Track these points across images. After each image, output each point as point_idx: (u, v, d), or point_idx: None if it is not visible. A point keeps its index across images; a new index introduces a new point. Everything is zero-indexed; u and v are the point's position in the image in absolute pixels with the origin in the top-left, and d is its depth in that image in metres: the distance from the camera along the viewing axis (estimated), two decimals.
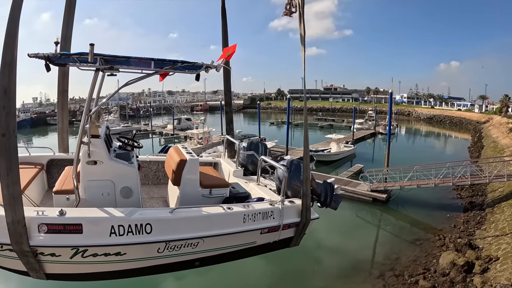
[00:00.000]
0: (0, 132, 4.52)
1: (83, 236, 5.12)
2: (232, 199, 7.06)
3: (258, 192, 7.37)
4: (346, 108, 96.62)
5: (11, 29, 4.47)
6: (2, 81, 4.50)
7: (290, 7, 7.05)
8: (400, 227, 19.66)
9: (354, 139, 42.82)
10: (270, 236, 6.59)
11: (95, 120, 6.22)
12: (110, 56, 5.50)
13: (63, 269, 5.53)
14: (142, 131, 63.39)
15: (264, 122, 53.58)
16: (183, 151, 7.39)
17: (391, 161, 25.18)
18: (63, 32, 8.07)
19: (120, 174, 6.24)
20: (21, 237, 4.81)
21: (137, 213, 5.50)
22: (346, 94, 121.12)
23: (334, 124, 68.56)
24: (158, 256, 5.82)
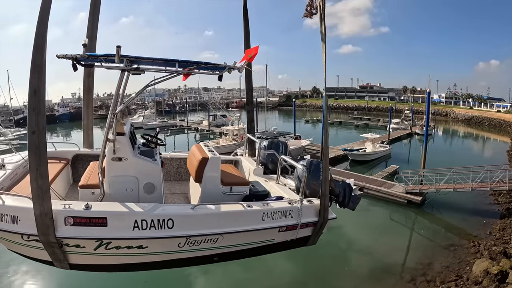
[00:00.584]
0: (30, 130, 4.80)
1: (107, 229, 5.37)
2: (251, 197, 7.25)
3: (278, 191, 7.52)
4: (382, 107, 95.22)
5: (40, 32, 4.70)
6: (32, 83, 4.74)
7: (310, 8, 7.03)
8: (434, 231, 19.19)
9: (390, 139, 42.12)
10: (288, 234, 6.72)
11: (120, 118, 6.37)
12: (136, 58, 5.70)
13: (86, 260, 5.80)
14: (177, 126, 64.04)
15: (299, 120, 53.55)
16: (205, 149, 7.60)
17: (427, 163, 24.70)
18: (88, 33, 8.42)
19: (143, 171, 6.48)
20: (48, 228, 5.06)
21: (160, 209, 5.74)
22: (382, 93, 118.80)
23: (369, 124, 67.54)
24: (179, 251, 6.03)
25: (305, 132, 46.28)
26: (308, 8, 7.05)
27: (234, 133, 38.41)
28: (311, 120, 73.62)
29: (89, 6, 8.48)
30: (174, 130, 61.34)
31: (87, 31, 8.42)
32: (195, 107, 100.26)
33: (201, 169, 7.02)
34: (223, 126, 50.05)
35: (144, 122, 63.22)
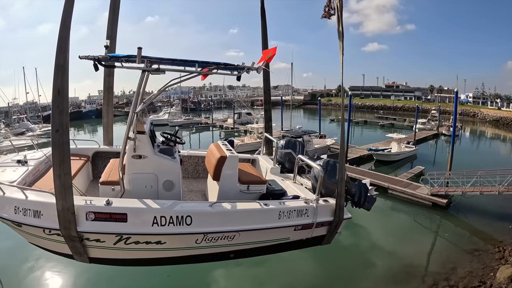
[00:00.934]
0: (54, 128, 5.03)
1: (127, 224, 5.56)
2: (268, 196, 7.36)
3: (294, 190, 7.63)
4: (408, 106, 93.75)
5: (63, 34, 4.89)
6: (56, 82, 4.93)
7: (329, 9, 6.95)
8: (459, 235, 18.88)
9: (416, 140, 41.61)
10: (304, 233, 6.81)
11: (141, 117, 6.56)
12: (157, 59, 5.80)
13: (106, 254, 6.03)
14: (202, 124, 64.48)
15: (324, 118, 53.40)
16: (223, 147, 7.73)
17: (454, 165, 24.31)
18: (108, 33, 8.64)
19: (163, 168, 6.63)
20: (69, 223, 5.29)
21: (179, 206, 5.91)
22: (409, 92, 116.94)
23: (395, 123, 66.68)
24: (196, 247, 6.19)
25: (330, 131, 46.09)
26: (326, 9, 7.00)
27: (259, 131, 38.35)
28: (336, 119, 72.93)
29: (109, 7, 8.68)
30: (199, 128, 61.80)
31: (107, 31, 8.65)
32: (220, 105, 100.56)
33: (219, 167, 7.14)
34: (248, 124, 50.23)
35: (169, 119, 63.75)
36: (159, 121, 65.31)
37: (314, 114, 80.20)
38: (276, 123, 46.91)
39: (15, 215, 5.68)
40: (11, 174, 6.86)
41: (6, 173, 6.98)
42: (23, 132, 54.13)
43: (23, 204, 5.64)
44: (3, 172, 7.05)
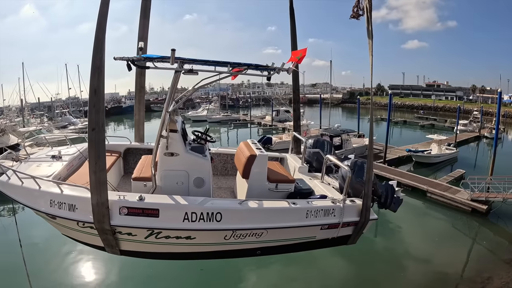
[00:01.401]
0: (90, 126, 5.32)
1: (159, 219, 5.82)
2: (296, 194, 7.59)
3: (322, 190, 7.72)
4: (449, 107, 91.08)
5: (99, 36, 5.11)
6: (93, 82, 5.21)
7: (357, 10, 7.04)
8: (498, 243, 18.31)
9: (457, 142, 40.92)
10: (330, 232, 6.94)
11: (173, 116, 6.76)
12: (190, 60, 6.00)
13: (136, 247, 6.31)
14: (241, 120, 64.61)
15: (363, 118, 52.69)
16: (253, 146, 7.99)
17: (496, 169, 23.52)
18: (139, 34, 8.97)
19: (194, 166, 6.90)
20: (103, 217, 5.58)
21: (209, 202, 6.11)
22: (450, 91, 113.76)
23: (435, 124, 65.27)
24: (224, 243, 6.41)
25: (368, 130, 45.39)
26: (354, 10, 7.08)
27: None
28: (374, 119, 71.71)
29: (140, 8, 8.94)
30: (237, 124, 62.11)
31: (138, 32, 8.98)
32: (258, 102, 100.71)
33: (249, 165, 7.40)
34: (286, 121, 50.29)
35: (208, 115, 64.25)
36: (198, 117, 65.87)
37: (352, 113, 79.48)
38: (314, 121, 46.87)
39: (50, 208, 6.01)
40: (47, 169, 7.28)
41: (42, 167, 7.40)
42: (65, 126, 55.78)
43: (58, 198, 5.97)
44: (38, 167, 7.47)
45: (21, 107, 63.21)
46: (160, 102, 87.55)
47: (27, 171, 6.88)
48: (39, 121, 59.69)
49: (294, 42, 9.83)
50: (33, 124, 55.37)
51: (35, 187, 6.20)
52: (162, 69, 6.06)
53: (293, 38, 9.86)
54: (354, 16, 7.07)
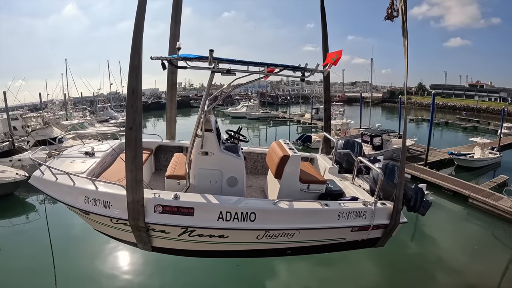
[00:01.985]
0: (128, 126, 5.47)
1: (193, 218, 5.95)
2: (327, 196, 7.62)
3: (353, 191, 7.75)
4: (493, 108, 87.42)
5: (136, 37, 5.22)
6: (131, 82, 5.37)
7: (391, 11, 6.91)
8: None
9: (501, 146, 39.68)
10: (360, 234, 7.01)
11: (209, 115, 6.86)
12: (227, 60, 6.06)
13: (169, 244, 6.46)
14: (280, 118, 64.70)
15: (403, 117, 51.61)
16: (286, 146, 8.01)
17: None
18: (171, 31, 9.04)
19: (228, 165, 6.97)
20: (138, 214, 5.73)
21: (244, 202, 6.25)
22: (493, 92, 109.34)
23: (478, 126, 62.99)
24: (256, 242, 6.52)
25: (409, 131, 44.43)
26: (388, 11, 6.96)
27: (337, 128, 38.27)
28: (415, 119, 70.75)
29: (171, 7, 9.04)
30: (276, 122, 62.23)
31: (170, 30, 9.06)
32: (297, 100, 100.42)
33: (282, 166, 7.45)
34: None
35: (247, 112, 64.56)
36: (237, 113, 66.21)
37: (392, 112, 78.30)
38: (354, 120, 46.45)
39: (85, 204, 6.20)
40: (81, 165, 7.47)
41: (76, 164, 7.60)
42: (106, 120, 57.21)
43: (93, 195, 6.15)
44: (72, 163, 7.69)
45: (64, 101, 65.21)
46: (199, 98, 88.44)
47: (61, 167, 7.13)
48: (82, 115, 61.60)
49: (325, 40, 9.86)
50: (75, 117, 57.07)
51: (70, 183, 6.42)
52: (199, 69, 6.17)
53: (325, 38, 9.89)
54: (389, 18, 6.96)
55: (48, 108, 60.87)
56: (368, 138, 31.38)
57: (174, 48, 8.63)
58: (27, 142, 34.06)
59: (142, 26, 5.27)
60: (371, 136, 30.69)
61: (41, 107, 60.63)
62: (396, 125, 41.86)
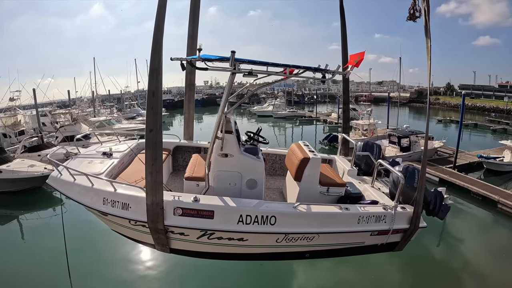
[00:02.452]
0: (148, 128, 5.40)
1: (213, 221, 5.92)
2: (346, 198, 7.56)
3: (372, 195, 7.68)
4: None
5: (157, 38, 5.21)
6: (151, 84, 5.33)
7: (414, 11, 6.81)
8: None
9: None
10: (379, 238, 6.91)
11: (229, 117, 6.84)
12: (248, 61, 6.00)
13: (187, 246, 6.45)
14: (306, 117, 64.55)
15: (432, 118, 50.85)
16: (306, 148, 7.92)
17: None
18: (189, 32, 8.97)
19: (248, 167, 6.92)
20: (157, 217, 5.71)
21: (264, 206, 6.20)
22: None
23: (508, 129, 61.15)
24: (275, 245, 6.46)
25: (437, 132, 44.11)
26: (411, 11, 6.86)
27: (364, 128, 38.00)
28: (443, 120, 69.61)
29: (189, 7, 8.95)
30: (302, 121, 62.17)
31: (188, 31, 8.98)
32: (324, 99, 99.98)
33: (302, 168, 7.37)
34: (353, 119, 49.51)
35: (274, 111, 64.59)
36: (264, 112, 66.35)
37: (420, 113, 77.54)
38: (382, 120, 46.01)
39: (103, 205, 6.19)
40: (98, 166, 7.46)
41: (94, 164, 7.60)
42: (133, 117, 57.93)
43: (111, 196, 6.15)
44: (90, 163, 7.69)
45: (92, 98, 66.26)
46: None
47: (79, 167, 7.13)
48: (109, 112, 62.75)
49: (344, 42, 9.81)
50: (103, 114, 58.10)
51: (88, 184, 6.44)
52: (220, 70, 6.16)
53: (344, 39, 9.84)
54: (411, 18, 6.90)
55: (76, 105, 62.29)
56: (395, 139, 31.02)
57: (192, 48, 8.76)
58: (55, 138, 35.30)
59: (162, 27, 5.26)
60: (399, 137, 30.33)
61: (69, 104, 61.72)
62: (423, 126, 41.06)
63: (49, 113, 49.52)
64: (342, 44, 9.79)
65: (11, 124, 39.90)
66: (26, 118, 45.20)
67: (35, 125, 41.48)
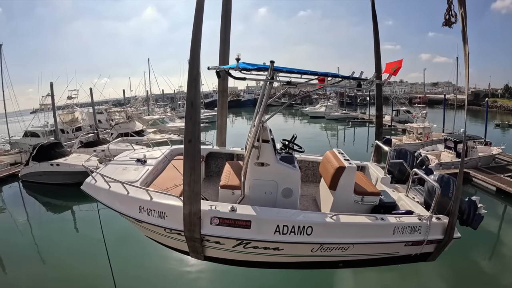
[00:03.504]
0: (187, 138, 5.40)
1: (250, 231, 5.91)
2: (380, 207, 7.48)
3: (407, 204, 7.52)
4: None
5: (194, 48, 5.20)
6: (190, 95, 5.32)
7: (449, 17, 6.54)
8: None
9: None
10: (413, 249, 6.80)
11: (266, 125, 6.75)
12: (287, 71, 6.13)
13: (222, 254, 6.44)
14: (359, 119, 63.77)
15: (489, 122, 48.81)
16: (340, 157, 7.85)
17: None
18: (221, 36, 8.90)
19: (284, 176, 6.86)
20: (194, 226, 5.74)
21: (301, 216, 6.18)
22: None
23: None
24: (310, 255, 6.45)
25: (495, 137, 41.79)
26: (446, 17, 6.60)
27: (419, 132, 36.95)
28: (501, 125, 66.81)
29: (221, 12, 8.85)
30: (355, 123, 61.46)
31: (220, 35, 8.92)
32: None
33: (337, 177, 7.30)
34: (407, 122, 48.48)
35: (326, 112, 64.23)
36: (316, 113, 66.27)
37: (476, 116, 74.61)
38: (437, 124, 44.81)
39: (139, 213, 6.25)
40: (133, 173, 7.58)
41: (128, 172, 7.72)
42: None
43: (147, 205, 6.21)
44: (124, 170, 7.82)
45: (146, 97, 67.86)
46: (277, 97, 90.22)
47: (113, 174, 7.28)
48: (163, 111, 64.15)
49: (377, 49, 9.79)
50: (157, 113, 59.41)
51: (123, 192, 6.53)
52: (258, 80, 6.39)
53: (377, 45, 9.86)
54: (446, 24, 6.63)
55: (131, 104, 63.81)
56: (451, 144, 29.78)
57: (224, 54, 8.75)
58: (110, 134, 37.00)
59: (199, 36, 5.24)
60: (455, 142, 29.13)
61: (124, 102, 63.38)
62: (481, 131, 39.84)
63: (105, 111, 51.22)
64: (375, 51, 9.80)
65: (68, 120, 42.42)
66: (83, 115, 47.81)
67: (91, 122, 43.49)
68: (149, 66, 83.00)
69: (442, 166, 26.25)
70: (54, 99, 32.66)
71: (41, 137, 36.70)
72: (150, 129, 43.19)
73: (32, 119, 41.05)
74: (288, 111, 75.71)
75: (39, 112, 41.17)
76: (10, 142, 40.21)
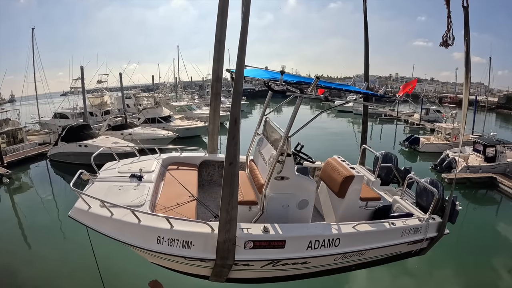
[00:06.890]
0: (228, 160, 5.04)
1: (284, 250, 5.80)
2: (379, 211, 7.86)
3: (404, 206, 7.98)
4: None
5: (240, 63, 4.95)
6: (234, 111, 5.03)
7: (446, 39, 6.71)
8: None
9: None
10: (413, 246, 7.47)
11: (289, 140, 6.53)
12: (325, 87, 6.20)
13: (247, 275, 6.26)
14: (387, 116, 63.14)
15: None
16: (345, 165, 7.95)
17: None
18: (217, 36, 8.39)
19: (302, 188, 6.74)
20: (228, 253, 5.39)
21: (330, 229, 6.29)
22: None
23: None
24: (332, 263, 6.64)
25: None
26: (444, 38, 6.76)
27: (447, 132, 36.32)
28: None
29: (217, 11, 8.34)
30: (383, 119, 60.82)
31: (215, 36, 8.36)
32: (406, 98, 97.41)
33: (346, 186, 7.38)
34: (436, 122, 47.73)
35: (354, 107, 63.66)
36: (344, 108, 65.61)
37: (507, 120, 73.16)
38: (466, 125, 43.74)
39: (157, 245, 5.51)
40: (134, 194, 6.60)
41: (127, 192, 6.71)
42: None
43: (168, 234, 5.49)
44: (121, 190, 6.81)
45: (174, 84, 68.40)
46: None
47: (109, 197, 6.26)
48: (190, 98, 64.36)
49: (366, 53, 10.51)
50: (184, 99, 59.74)
51: (133, 220, 5.62)
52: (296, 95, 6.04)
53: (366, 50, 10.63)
54: (443, 44, 6.85)
55: (159, 90, 64.36)
56: (480, 147, 28.68)
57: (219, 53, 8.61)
58: (138, 119, 37.24)
59: (243, 58, 4.97)
60: (485, 145, 28.04)
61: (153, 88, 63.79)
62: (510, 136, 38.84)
63: (133, 95, 51.99)
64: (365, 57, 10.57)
65: (97, 104, 43.19)
66: (112, 99, 48.56)
67: (119, 106, 44.25)
68: (178, 53, 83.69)
69: (470, 169, 25.68)
70: (84, 83, 33.03)
71: (70, 119, 37.45)
72: (177, 115, 43.45)
73: (62, 101, 42.37)
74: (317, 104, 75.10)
75: (69, 94, 42.16)
76: (40, 123, 41.14)
